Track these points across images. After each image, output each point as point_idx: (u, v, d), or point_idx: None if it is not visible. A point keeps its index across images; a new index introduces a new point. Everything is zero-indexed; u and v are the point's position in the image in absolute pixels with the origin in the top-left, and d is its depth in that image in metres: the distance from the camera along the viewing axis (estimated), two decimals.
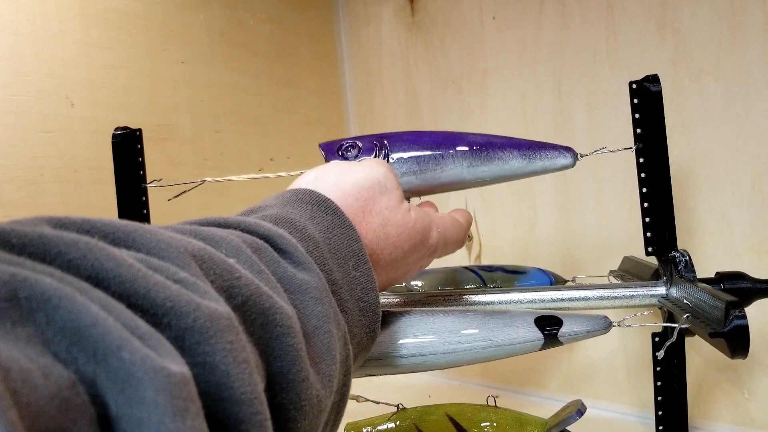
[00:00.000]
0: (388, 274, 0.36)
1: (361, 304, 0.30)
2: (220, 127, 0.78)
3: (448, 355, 0.37)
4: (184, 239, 0.22)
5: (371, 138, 0.45)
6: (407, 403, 0.50)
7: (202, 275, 0.20)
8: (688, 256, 0.45)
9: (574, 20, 0.68)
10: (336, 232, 0.30)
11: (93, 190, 0.66)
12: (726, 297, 0.35)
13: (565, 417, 0.42)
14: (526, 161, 0.45)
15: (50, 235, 0.18)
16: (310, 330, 0.25)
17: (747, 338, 0.33)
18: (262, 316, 0.22)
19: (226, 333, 0.18)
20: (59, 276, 0.16)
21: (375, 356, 0.37)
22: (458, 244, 0.41)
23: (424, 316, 0.39)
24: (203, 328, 0.18)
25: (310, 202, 0.31)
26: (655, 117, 0.46)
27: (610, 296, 0.46)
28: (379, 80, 0.89)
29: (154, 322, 0.17)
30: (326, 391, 0.25)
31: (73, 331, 0.15)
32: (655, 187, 0.46)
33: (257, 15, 0.82)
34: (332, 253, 0.29)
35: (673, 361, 0.46)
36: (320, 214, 0.30)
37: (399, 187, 0.36)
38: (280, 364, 0.22)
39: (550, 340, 0.38)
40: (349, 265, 0.30)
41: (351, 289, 0.30)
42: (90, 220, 0.20)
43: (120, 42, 0.69)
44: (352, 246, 0.30)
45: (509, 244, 0.76)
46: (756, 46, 0.56)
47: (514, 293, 0.47)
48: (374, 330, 0.32)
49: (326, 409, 0.25)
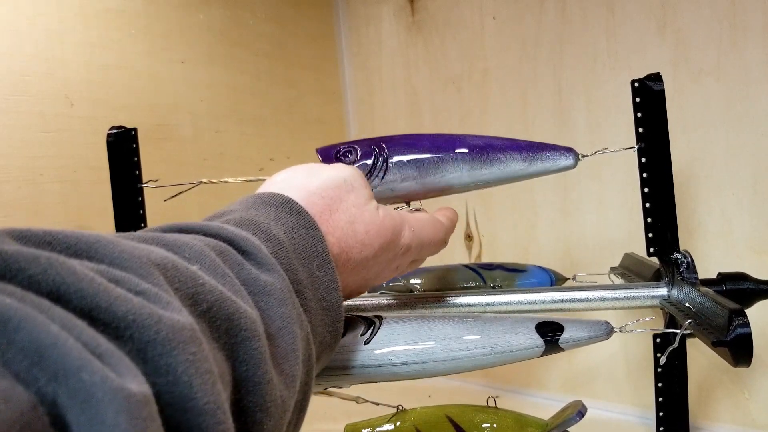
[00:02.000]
0: (360, 274, 0.35)
1: (324, 303, 0.31)
2: (220, 127, 0.78)
3: (448, 362, 0.37)
4: (146, 248, 0.22)
5: (369, 142, 0.45)
6: (407, 404, 0.50)
7: (165, 284, 0.21)
8: (690, 257, 0.44)
9: (574, 20, 0.68)
10: (300, 232, 0.30)
11: (93, 190, 0.66)
12: (729, 304, 0.35)
13: (565, 418, 0.42)
14: (527, 163, 0.45)
15: (10, 251, 0.18)
16: (274, 331, 0.25)
17: (750, 347, 0.32)
18: (226, 321, 0.22)
19: (188, 344, 0.18)
20: (20, 295, 0.16)
21: (374, 363, 0.37)
22: (439, 245, 0.41)
23: (424, 323, 0.38)
24: (165, 340, 0.18)
25: (274, 204, 0.31)
26: (657, 116, 0.45)
27: (611, 297, 0.45)
28: (379, 80, 0.89)
29: (116, 336, 0.17)
30: (290, 392, 0.25)
31: (33, 352, 0.15)
32: (657, 188, 0.46)
33: (257, 15, 0.82)
34: (297, 254, 0.30)
35: (674, 362, 0.46)
36: (284, 215, 0.31)
37: (367, 186, 0.37)
38: (245, 368, 0.22)
39: (551, 346, 0.38)
40: (314, 265, 0.30)
41: (315, 288, 0.30)
42: (51, 232, 0.20)
43: (120, 42, 0.69)
44: (317, 246, 0.31)
45: (509, 244, 0.76)
46: (756, 46, 0.55)
47: (515, 294, 0.46)
48: (337, 329, 0.32)
49: (290, 409, 0.26)
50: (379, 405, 0.49)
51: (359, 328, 0.38)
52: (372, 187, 0.43)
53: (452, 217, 0.43)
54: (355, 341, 0.38)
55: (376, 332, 0.38)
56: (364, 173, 0.43)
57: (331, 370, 0.38)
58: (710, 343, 0.34)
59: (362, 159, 0.44)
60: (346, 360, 0.37)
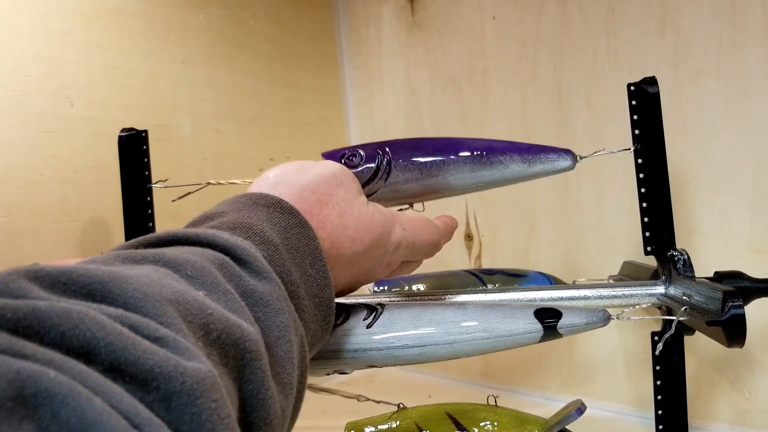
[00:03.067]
0: (351, 270, 0.36)
1: (316, 300, 0.32)
2: (220, 127, 0.78)
3: (448, 346, 0.38)
4: (157, 283, 0.23)
5: (373, 146, 0.46)
6: (408, 402, 0.50)
7: (181, 322, 0.22)
8: (686, 254, 0.45)
9: (574, 20, 0.68)
10: (293, 232, 0.31)
11: (93, 190, 0.66)
12: (723, 287, 0.36)
13: (564, 416, 0.43)
14: (526, 165, 0.46)
15: (43, 307, 0.18)
16: (273, 341, 0.27)
17: (743, 326, 0.33)
18: (234, 347, 0.23)
19: (210, 392, 0.20)
20: (60, 363, 0.17)
21: (376, 347, 0.38)
22: (432, 246, 0.41)
23: (425, 309, 0.39)
24: (191, 390, 0.19)
25: (265, 204, 0.32)
26: (653, 118, 0.46)
27: (609, 295, 0.46)
28: (379, 80, 0.89)
29: (143, 386, 0.19)
30: (288, 399, 0.27)
31: (76, 427, 0.16)
32: (653, 187, 0.47)
33: (257, 15, 0.82)
34: (290, 254, 0.30)
35: (673, 360, 0.47)
36: (276, 216, 0.31)
37: (356, 181, 0.38)
38: (251, 387, 0.24)
39: (549, 331, 0.38)
40: (306, 264, 0.31)
41: (308, 287, 0.31)
42: (65, 272, 0.21)
43: (120, 42, 0.69)
44: (309, 245, 0.32)
45: (509, 244, 0.76)
46: (756, 46, 0.56)
47: (514, 293, 0.47)
48: (329, 323, 0.33)
49: (288, 416, 0.27)
50: (380, 403, 0.49)
51: (361, 313, 0.39)
52: (376, 188, 0.45)
53: (450, 223, 0.44)
54: (357, 325, 0.38)
55: (378, 317, 0.38)
56: (368, 176, 0.44)
57: (334, 353, 0.38)
58: (705, 323, 0.35)
59: (366, 162, 0.45)
60: (348, 344, 0.38)
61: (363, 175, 0.45)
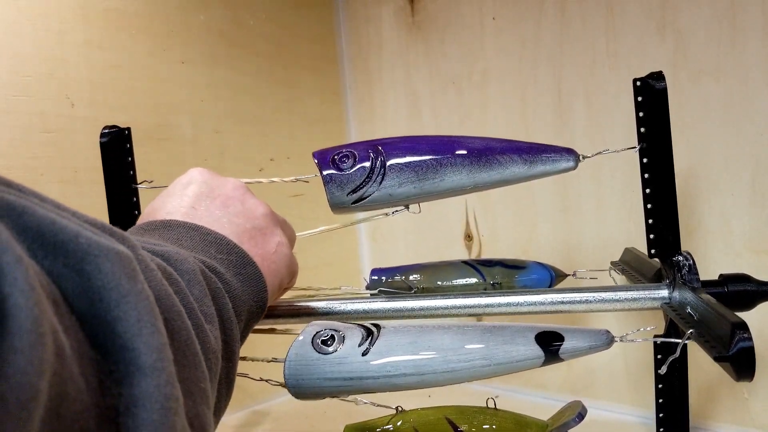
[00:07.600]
0: (252, 246, 0.38)
1: (240, 277, 0.35)
2: (220, 127, 0.78)
3: (447, 374, 0.37)
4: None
5: (366, 145, 0.44)
6: (406, 403, 0.50)
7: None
8: (691, 259, 0.43)
9: (574, 20, 0.68)
10: (202, 241, 0.36)
11: (93, 190, 0.66)
12: (731, 317, 0.34)
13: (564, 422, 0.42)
14: (527, 166, 0.44)
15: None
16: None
17: (753, 361, 0.31)
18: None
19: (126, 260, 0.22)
20: (17, 194, 0.20)
21: (372, 375, 0.37)
22: (292, 244, 0.44)
23: (422, 333, 0.38)
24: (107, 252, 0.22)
25: (169, 227, 0.36)
26: (660, 115, 0.44)
27: (612, 299, 0.45)
28: (379, 80, 0.89)
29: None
30: (213, 326, 0.30)
31: (35, 230, 0.19)
32: (659, 188, 0.45)
33: (257, 15, 0.82)
34: (210, 256, 0.35)
35: (675, 363, 0.46)
36: (187, 237, 0.35)
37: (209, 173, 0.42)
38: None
39: (551, 357, 0.38)
40: (223, 255, 0.35)
41: (227, 268, 0.35)
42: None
43: (120, 42, 0.69)
44: (205, 238, 0.36)
45: (509, 244, 0.76)
46: (756, 46, 0.55)
47: (515, 296, 0.46)
48: (263, 299, 0.36)
49: (220, 348, 0.30)
50: (378, 406, 0.49)
51: (356, 337, 0.38)
52: (370, 192, 0.43)
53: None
54: (353, 352, 0.38)
55: (374, 342, 0.38)
56: (362, 178, 0.43)
57: (329, 381, 0.38)
58: (712, 357, 0.34)
59: (359, 162, 0.43)
60: (344, 372, 0.37)
61: (356, 177, 0.43)
